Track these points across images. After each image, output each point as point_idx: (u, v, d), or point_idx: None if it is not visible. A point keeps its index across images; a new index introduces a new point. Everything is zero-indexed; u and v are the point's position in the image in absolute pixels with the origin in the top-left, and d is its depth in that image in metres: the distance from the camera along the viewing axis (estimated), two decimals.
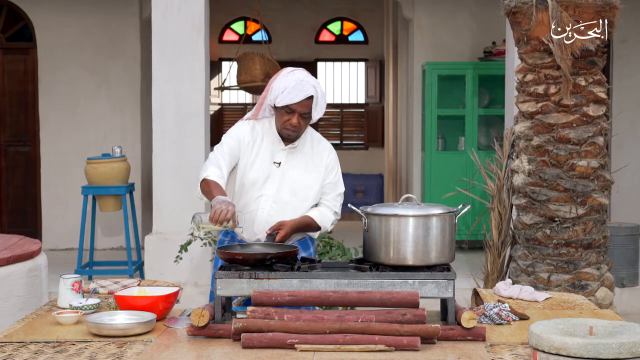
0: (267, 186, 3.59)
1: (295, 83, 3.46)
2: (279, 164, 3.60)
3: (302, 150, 3.64)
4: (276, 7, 12.79)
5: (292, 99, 3.45)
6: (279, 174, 3.60)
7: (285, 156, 3.61)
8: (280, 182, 3.59)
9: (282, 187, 3.59)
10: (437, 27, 9.18)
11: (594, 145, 5.18)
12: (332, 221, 3.69)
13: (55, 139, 9.16)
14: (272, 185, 3.59)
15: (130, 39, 9.10)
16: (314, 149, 3.66)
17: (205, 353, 2.80)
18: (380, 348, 2.76)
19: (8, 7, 9.20)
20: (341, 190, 3.71)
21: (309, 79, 3.51)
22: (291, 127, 3.52)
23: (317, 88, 3.50)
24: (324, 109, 3.55)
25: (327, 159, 3.66)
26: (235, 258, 3.09)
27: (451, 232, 3.13)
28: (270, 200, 3.58)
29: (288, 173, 3.60)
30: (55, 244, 8.96)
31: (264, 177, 3.59)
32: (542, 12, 5.07)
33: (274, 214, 3.57)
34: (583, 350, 2.40)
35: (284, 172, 3.60)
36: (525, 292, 3.64)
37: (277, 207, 3.58)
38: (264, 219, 3.59)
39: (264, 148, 3.62)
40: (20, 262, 4.42)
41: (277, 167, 3.60)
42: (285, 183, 3.59)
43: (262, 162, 3.60)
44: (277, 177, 3.60)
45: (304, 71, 3.58)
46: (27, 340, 2.96)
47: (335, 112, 13.89)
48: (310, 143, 3.66)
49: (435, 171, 8.78)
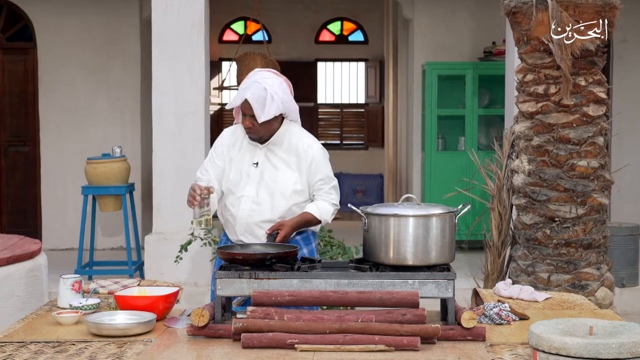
0: (247, 187, 3.62)
1: (246, 85, 3.51)
2: (256, 164, 3.63)
3: (280, 148, 3.64)
4: (276, 7, 12.79)
5: (234, 103, 3.53)
6: (258, 174, 3.62)
7: (263, 156, 3.64)
8: (259, 183, 3.62)
9: (260, 187, 3.61)
10: (437, 27, 9.18)
11: (594, 145, 5.18)
12: (331, 213, 3.67)
13: (55, 139, 9.16)
14: (251, 186, 3.62)
15: (130, 39, 9.09)
16: (292, 146, 3.64)
17: (205, 353, 2.80)
18: (380, 348, 2.76)
19: (8, 7, 9.20)
20: (334, 183, 3.69)
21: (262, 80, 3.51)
22: (246, 128, 3.56)
23: (267, 89, 3.49)
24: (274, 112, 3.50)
25: (308, 156, 3.62)
26: (235, 258, 3.09)
27: (451, 232, 3.13)
28: (250, 201, 3.61)
29: (266, 173, 3.62)
30: (55, 244, 8.96)
31: (243, 178, 3.62)
32: (542, 12, 5.07)
33: (253, 215, 3.60)
34: (583, 350, 2.40)
35: (262, 172, 3.62)
36: (525, 292, 3.64)
37: (256, 207, 3.60)
38: (244, 220, 3.62)
39: (244, 150, 3.65)
40: (20, 262, 4.42)
41: (255, 167, 3.62)
42: (263, 183, 3.61)
43: (242, 164, 3.64)
44: (255, 178, 3.62)
45: (264, 72, 3.57)
46: (27, 340, 2.96)
47: (335, 112, 13.89)
48: (288, 140, 3.64)
49: (435, 171, 8.78)
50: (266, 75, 3.55)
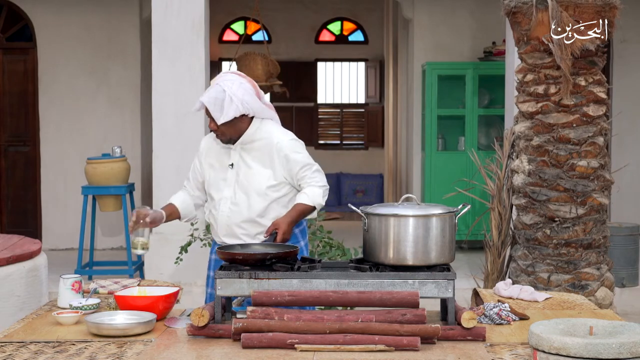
0: (225, 189, 3.66)
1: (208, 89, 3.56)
2: (232, 165, 3.67)
3: (251, 146, 3.66)
4: (276, 7, 12.79)
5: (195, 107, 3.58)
6: (234, 175, 3.66)
7: (238, 156, 3.67)
8: (235, 183, 3.65)
9: (236, 187, 3.65)
10: (437, 27, 9.18)
11: (594, 145, 5.18)
12: (321, 195, 3.66)
13: (55, 139, 9.16)
14: (229, 188, 3.66)
15: (130, 38, 9.10)
16: (262, 143, 3.66)
17: (205, 353, 2.80)
18: (380, 348, 2.76)
19: (8, 7, 9.20)
20: (316, 167, 3.69)
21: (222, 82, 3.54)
22: (212, 131, 3.61)
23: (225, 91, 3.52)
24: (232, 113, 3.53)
25: (280, 151, 3.63)
26: (235, 258, 3.09)
27: (451, 232, 3.13)
28: (228, 202, 3.65)
29: (241, 173, 3.66)
30: (55, 244, 8.96)
31: (222, 181, 3.67)
32: (542, 12, 5.07)
33: (232, 216, 3.64)
34: (583, 350, 2.40)
35: (238, 172, 3.66)
36: (525, 292, 3.64)
37: (234, 208, 3.64)
38: (224, 222, 3.66)
39: (220, 153, 3.70)
40: (20, 262, 4.42)
41: (231, 168, 3.67)
42: (239, 183, 3.65)
43: (219, 166, 3.70)
44: (232, 179, 3.66)
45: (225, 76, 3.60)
46: (27, 340, 2.96)
47: (335, 112, 13.89)
48: (259, 139, 3.66)
49: (435, 171, 8.78)
50: (228, 78, 3.58)
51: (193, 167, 3.81)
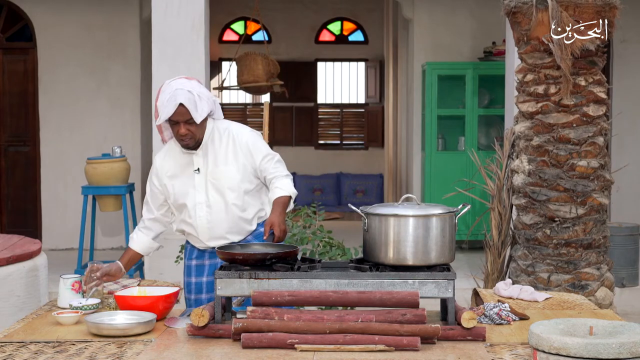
0: (197, 195, 3.66)
1: (169, 96, 3.51)
2: (198, 170, 3.66)
3: (212, 146, 3.67)
4: (276, 7, 12.79)
5: (168, 112, 3.51)
6: (202, 179, 3.66)
7: (201, 160, 3.67)
8: (206, 186, 3.66)
9: (208, 189, 3.65)
10: (437, 27, 9.18)
11: (594, 145, 5.18)
12: (291, 184, 3.69)
13: (55, 139, 9.16)
14: (200, 192, 3.65)
15: (130, 38, 9.10)
16: (222, 140, 3.67)
17: (205, 353, 2.80)
18: (380, 348, 2.76)
19: (8, 7, 9.20)
20: (277, 157, 3.72)
21: (182, 86, 3.53)
22: (182, 137, 3.58)
23: (192, 91, 3.52)
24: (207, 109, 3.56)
25: (240, 143, 3.66)
26: (235, 258, 3.09)
27: (451, 232, 3.13)
28: (204, 206, 3.65)
29: (208, 174, 3.66)
30: (55, 244, 8.96)
31: (191, 188, 3.66)
32: (542, 12, 5.07)
33: (211, 218, 3.65)
34: (583, 350, 2.40)
35: (205, 175, 3.66)
36: (525, 292, 3.64)
37: (211, 210, 3.64)
38: (205, 226, 3.66)
39: (180, 162, 3.69)
40: (20, 262, 4.42)
41: (197, 173, 3.66)
42: (209, 185, 3.65)
43: (184, 176, 3.68)
44: (202, 183, 3.66)
45: (179, 80, 3.59)
46: (27, 340, 2.96)
47: (335, 112, 13.88)
48: (218, 136, 3.68)
49: (435, 171, 8.77)
50: (181, 82, 3.58)
51: (150, 191, 3.76)
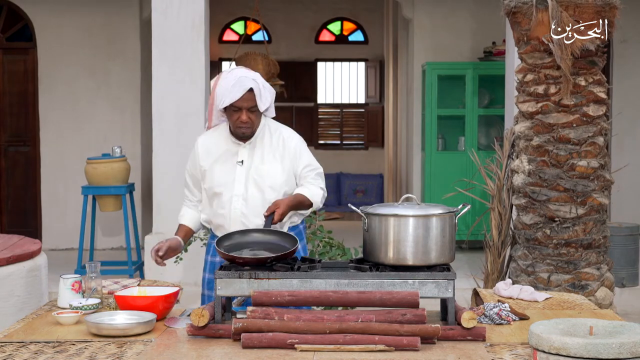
0: (235, 186, 3.65)
1: (235, 81, 3.54)
2: (241, 162, 3.66)
3: (262, 143, 3.68)
4: (276, 7, 12.79)
5: (234, 96, 3.52)
6: (244, 172, 3.66)
7: (247, 153, 3.67)
8: (247, 180, 3.65)
9: (248, 184, 3.65)
10: (437, 27, 9.18)
11: (594, 145, 5.18)
12: (321, 197, 3.70)
13: (55, 139, 9.16)
14: (239, 185, 3.65)
15: (130, 39, 9.10)
16: (272, 139, 3.69)
17: (205, 353, 2.80)
18: (380, 348, 2.76)
19: (8, 7, 9.20)
20: (319, 170, 3.74)
21: (247, 74, 3.58)
22: (242, 124, 3.59)
23: (257, 80, 3.56)
24: (270, 99, 3.60)
25: (289, 146, 3.69)
26: (236, 262, 3.09)
27: (451, 232, 3.12)
28: (241, 199, 3.64)
29: (252, 169, 3.66)
30: (55, 244, 8.96)
31: (230, 179, 3.66)
32: (542, 12, 5.07)
33: (246, 212, 3.63)
34: (583, 350, 2.40)
35: (248, 169, 3.66)
36: (525, 292, 3.64)
37: (247, 204, 3.63)
38: (238, 219, 3.65)
39: (225, 151, 3.69)
40: (20, 262, 4.42)
41: (240, 165, 3.66)
42: (250, 179, 3.65)
43: (226, 165, 3.68)
44: (242, 176, 3.66)
45: (242, 69, 3.64)
46: (27, 340, 2.96)
47: (335, 112, 13.89)
48: (269, 134, 3.70)
49: (435, 171, 8.78)
50: (244, 71, 3.62)
51: (191, 170, 3.77)
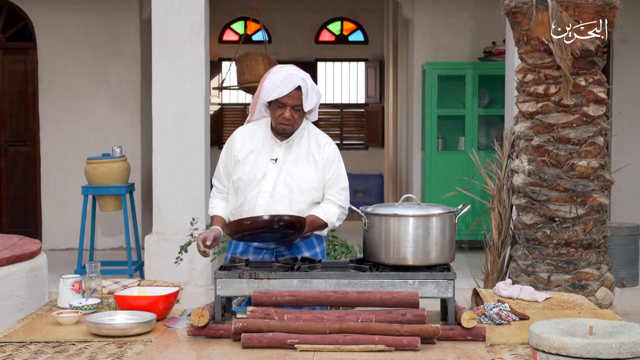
0: (264, 182, 3.63)
1: (284, 77, 3.54)
2: (275, 160, 3.65)
3: (298, 144, 3.67)
4: (276, 7, 12.79)
5: (281, 92, 3.52)
6: (276, 170, 3.64)
7: (282, 152, 3.66)
8: (277, 178, 3.63)
9: (278, 182, 3.63)
10: (437, 27, 9.18)
11: (594, 145, 5.18)
12: (337, 215, 3.68)
13: (55, 138, 9.16)
14: (269, 182, 3.63)
15: (130, 38, 9.09)
16: (310, 143, 3.68)
17: (205, 353, 2.80)
18: (380, 348, 2.76)
19: (8, 7, 9.20)
20: (344, 185, 3.73)
21: (298, 72, 3.58)
22: (285, 120, 3.57)
23: (306, 80, 3.56)
24: (315, 101, 3.59)
25: (325, 153, 3.68)
26: (243, 224, 3.27)
27: (451, 232, 3.13)
28: (267, 196, 3.62)
29: (285, 168, 3.64)
30: (55, 244, 8.96)
31: (261, 174, 3.64)
32: (542, 12, 5.07)
33: (270, 210, 3.60)
34: (583, 350, 2.40)
35: (281, 167, 3.64)
36: (525, 292, 3.64)
37: (273, 201, 3.61)
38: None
39: (261, 146, 3.67)
40: (20, 262, 4.42)
41: (274, 163, 3.64)
42: (281, 178, 3.63)
43: (259, 160, 3.65)
44: (274, 173, 3.64)
45: (294, 67, 3.64)
46: (27, 340, 2.96)
47: (335, 112, 13.89)
48: (307, 137, 3.69)
49: (435, 171, 8.77)
50: (294, 68, 3.61)
51: (225, 159, 3.73)
